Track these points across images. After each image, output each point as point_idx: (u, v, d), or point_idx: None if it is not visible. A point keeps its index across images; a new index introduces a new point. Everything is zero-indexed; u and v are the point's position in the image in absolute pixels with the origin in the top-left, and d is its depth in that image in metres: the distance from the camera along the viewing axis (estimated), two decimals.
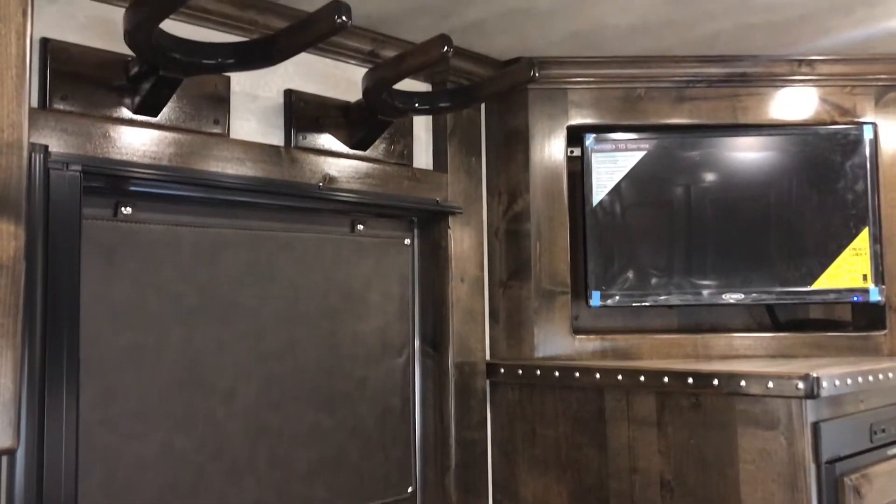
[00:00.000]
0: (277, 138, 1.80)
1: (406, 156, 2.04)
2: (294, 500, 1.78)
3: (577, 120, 2.22)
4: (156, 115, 1.58)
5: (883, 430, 1.87)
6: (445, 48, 1.56)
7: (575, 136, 2.23)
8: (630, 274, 2.19)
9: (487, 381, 2.19)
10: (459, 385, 2.09)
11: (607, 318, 2.37)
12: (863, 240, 2.16)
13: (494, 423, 2.21)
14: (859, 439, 1.79)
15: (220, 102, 1.69)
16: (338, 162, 1.86)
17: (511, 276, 2.23)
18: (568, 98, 2.22)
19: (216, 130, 1.68)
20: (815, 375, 1.59)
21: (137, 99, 1.54)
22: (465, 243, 2.14)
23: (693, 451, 1.79)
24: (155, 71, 1.48)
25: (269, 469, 1.74)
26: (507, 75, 1.79)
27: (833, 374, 1.64)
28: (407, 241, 2.08)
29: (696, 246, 2.21)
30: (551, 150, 2.21)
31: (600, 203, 2.21)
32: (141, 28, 1.35)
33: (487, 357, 2.21)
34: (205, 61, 1.47)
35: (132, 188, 1.54)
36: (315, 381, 1.85)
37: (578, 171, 2.23)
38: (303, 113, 1.84)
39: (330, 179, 1.83)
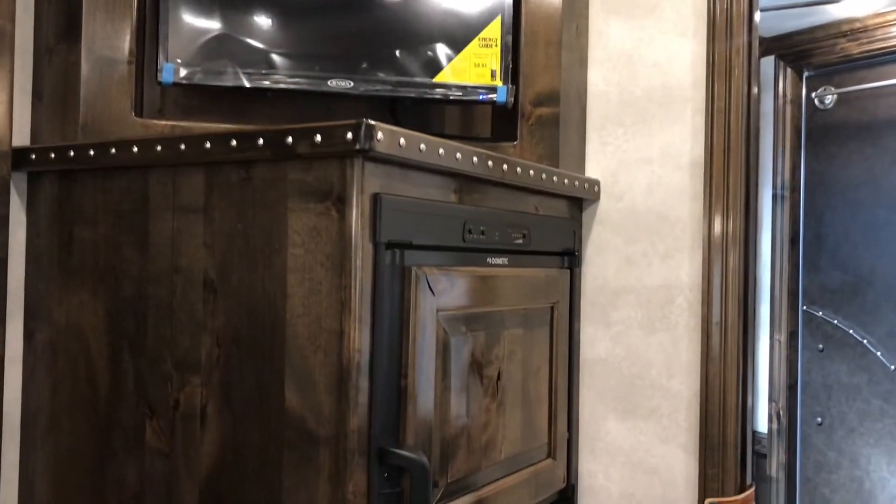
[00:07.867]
0: None
1: None
2: None
3: None
4: None
5: (482, 234, 1.59)
6: None
7: None
8: (214, 46, 1.73)
9: (13, 174, 1.65)
10: None
11: (185, 102, 1.89)
12: (494, 29, 1.86)
13: (29, 229, 1.68)
14: (447, 233, 1.49)
15: None
16: None
17: (59, 40, 1.68)
18: None
19: None
20: (371, 123, 1.23)
21: None
22: None
23: (240, 240, 1.39)
24: None
25: None
26: None
27: (399, 132, 1.29)
28: None
29: (301, 18, 1.79)
30: None
31: None
32: None
33: (16, 141, 1.67)
34: None
35: None
36: None
37: None
38: None
39: None
